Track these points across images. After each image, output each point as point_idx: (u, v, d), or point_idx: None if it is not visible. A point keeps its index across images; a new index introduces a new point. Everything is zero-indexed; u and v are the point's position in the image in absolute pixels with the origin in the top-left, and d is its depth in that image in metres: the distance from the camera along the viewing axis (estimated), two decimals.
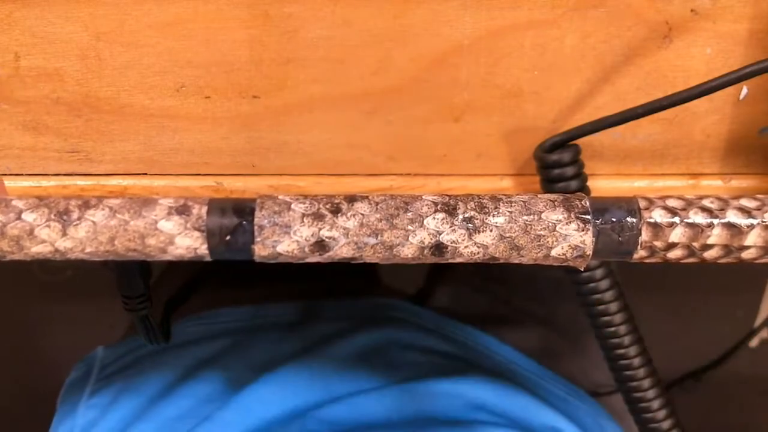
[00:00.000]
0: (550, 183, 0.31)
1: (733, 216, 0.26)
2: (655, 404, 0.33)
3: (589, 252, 0.26)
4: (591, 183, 0.32)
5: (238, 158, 0.33)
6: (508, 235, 0.26)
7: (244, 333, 0.54)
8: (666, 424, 0.33)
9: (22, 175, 0.33)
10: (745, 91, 0.31)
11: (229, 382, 0.49)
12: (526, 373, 0.54)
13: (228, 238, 0.26)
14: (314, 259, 0.26)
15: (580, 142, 0.31)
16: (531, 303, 0.63)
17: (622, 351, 0.33)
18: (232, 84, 0.31)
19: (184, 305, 0.59)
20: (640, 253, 0.27)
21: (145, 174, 0.33)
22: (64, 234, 0.26)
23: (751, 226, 0.26)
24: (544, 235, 0.26)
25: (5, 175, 0.33)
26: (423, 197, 0.27)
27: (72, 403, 0.52)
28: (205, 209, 0.26)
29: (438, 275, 0.69)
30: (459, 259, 0.26)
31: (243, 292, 0.60)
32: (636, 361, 0.33)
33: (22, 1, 0.29)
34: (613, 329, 0.32)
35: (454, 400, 0.48)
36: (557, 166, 0.30)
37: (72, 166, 0.33)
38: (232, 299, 0.58)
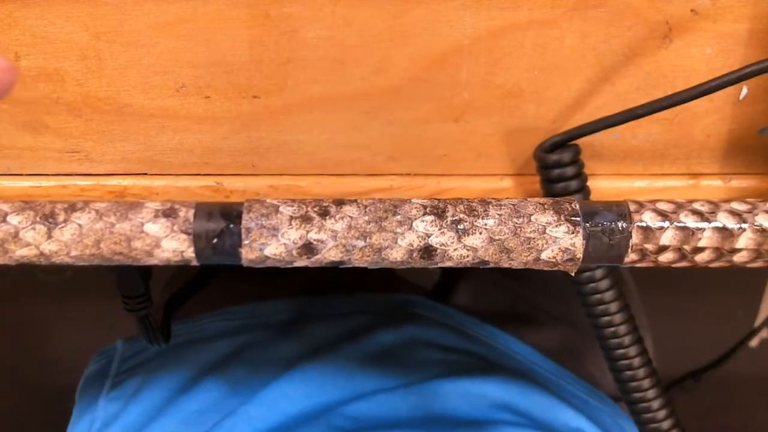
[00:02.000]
0: (550, 183, 0.31)
1: (723, 219, 0.26)
2: (655, 404, 0.33)
3: (580, 255, 0.26)
4: (591, 183, 0.32)
5: (238, 158, 0.33)
6: (497, 237, 0.26)
7: (268, 328, 0.54)
8: (666, 424, 0.33)
9: (22, 175, 0.33)
10: (745, 91, 0.31)
11: (253, 377, 0.49)
12: (546, 373, 0.54)
13: (215, 241, 0.26)
14: (302, 262, 0.26)
15: (580, 142, 0.31)
16: (551, 302, 0.63)
17: (622, 351, 0.33)
18: (232, 84, 0.31)
19: (204, 300, 0.59)
20: (631, 257, 0.27)
21: (145, 174, 0.33)
22: (50, 237, 0.26)
23: (742, 230, 0.26)
24: (533, 238, 0.26)
25: (5, 175, 0.33)
26: (412, 200, 0.27)
27: (92, 396, 0.52)
28: (192, 212, 0.26)
29: (457, 271, 0.69)
30: (449, 263, 0.26)
31: (264, 287, 0.60)
32: (636, 361, 0.33)
33: (22, 1, 0.29)
34: (613, 329, 0.32)
35: (477, 399, 0.48)
36: (557, 166, 0.30)
37: (72, 166, 0.33)
38: (254, 293, 0.58)
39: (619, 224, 0.26)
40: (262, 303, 0.57)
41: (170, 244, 0.26)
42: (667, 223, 0.26)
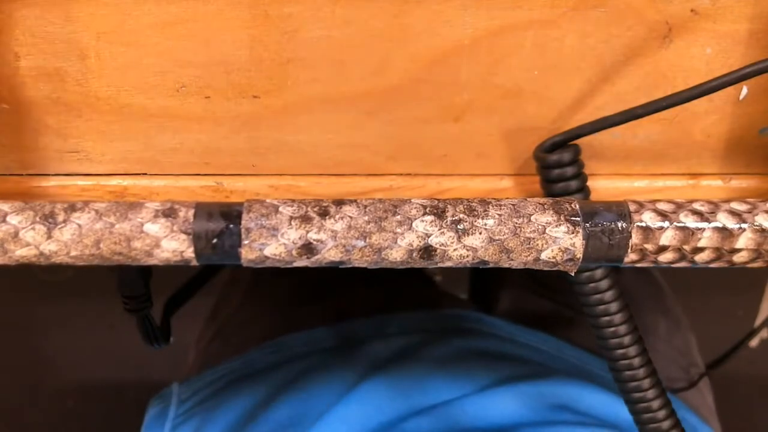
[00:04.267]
0: (550, 183, 0.31)
1: (723, 219, 0.26)
2: (655, 404, 0.33)
3: (579, 255, 0.26)
4: (591, 183, 0.32)
5: (238, 158, 0.33)
6: (497, 237, 0.26)
7: (318, 356, 0.54)
8: (666, 424, 0.33)
9: (22, 175, 0.33)
10: (745, 91, 0.31)
11: (310, 406, 0.49)
12: (601, 372, 0.54)
13: (215, 241, 0.26)
14: (302, 262, 0.26)
15: (580, 142, 0.31)
16: None
17: (622, 351, 0.33)
18: (232, 84, 0.31)
19: (253, 331, 0.59)
20: (631, 257, 0.27)
21: (145, 174, 0.33)
22: (49, 237, 0.26)
23: (742, 230, 0.26)
24: (533, 238, 0.26)
25: (5, 175, 0.33)
26: (411, 200, 0.27)
27: None
28: (191, 212, 0.26)
29: (492, 281, 0.69)
30: (448, 263, 0.26)
31: (302, 316, 0.60)
32: (636, 361, 0.33)
33: (22, 1, 0.29)
34: (613, 329, 0.32)
35: (535, 401, 0.48)
36: (557, 166, 0.30)
37: (72, 166, 0.33)
38: (292, 323, 0.58)
39: (619, 224, 0.26)
40: (310, 331, 0.57)
41: (170, 244, 0.26)
42: (667, 223, 0.26)
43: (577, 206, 0.27)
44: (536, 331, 0.57)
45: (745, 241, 0.26)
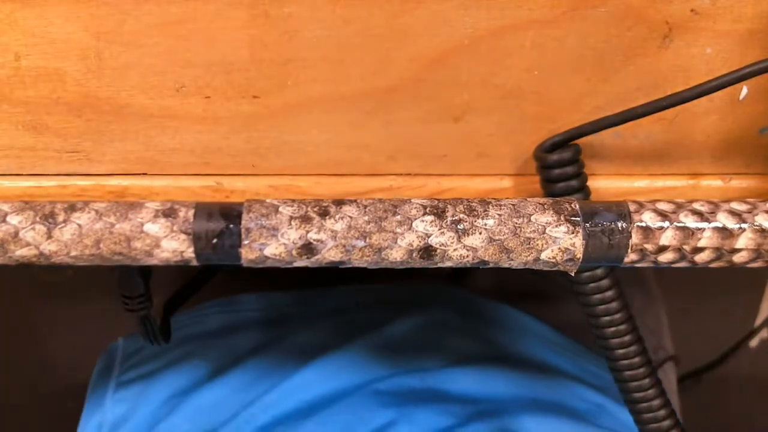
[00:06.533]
0: (550, 183, 0.31)
1: (723, 219, 0.26)
2: (656, 403, 0.33)
3: (579, 255, 0.26)
4: (591, 183, 0.32)
5: (238, 158, 0.33)
6: (497, 237, 0.26)
7: (283, 322, 0.53)
8: (666, 424, 0.33)
9: (22, 175, 0.33)
10: (745, 91, 0.31)
11: (268, 370, 0.49)
12: (563, 351, 0.54)
13: (215, 241, 0.26)
14: (302, 262, 0.26)
15: (580, 142, 0.31)
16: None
17: (623, 351, 0.33)
18: (232, 84, 0.31)
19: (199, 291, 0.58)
20: (631, 257, 0.27)
21: (145, 174, 0.33)
22: (49, 237, 0.26)
23: (742, 230, 0.26)
24: (533, 238, 0.26)
25: (5, 175, 0.33)
26: (412, 200, 0.27)
27: (99, 396, 0.51)
28: (191, 212, 0.26)
29: None
30: (448, 263, 0.26)
31: (265, 277, 0.58)
32: (636, 360, 0.33)
33: (22, 1, 0.29)
34: (614, 329, 0.32)
35: (489, 386, 0.48)
36: (557, 166, 0.30)
37: (72, 166, 0.33)
38: (254, 283, 0.57)
39: (619, 224, 0.26)
40: (269, 294, 0.56)
41: (170, 244, 0.26)
42: (667, 223, 0.26)
43: (577, 206, 0.27)
44: (505, 305, 0.57)
45: (745, 241, 0.26)
